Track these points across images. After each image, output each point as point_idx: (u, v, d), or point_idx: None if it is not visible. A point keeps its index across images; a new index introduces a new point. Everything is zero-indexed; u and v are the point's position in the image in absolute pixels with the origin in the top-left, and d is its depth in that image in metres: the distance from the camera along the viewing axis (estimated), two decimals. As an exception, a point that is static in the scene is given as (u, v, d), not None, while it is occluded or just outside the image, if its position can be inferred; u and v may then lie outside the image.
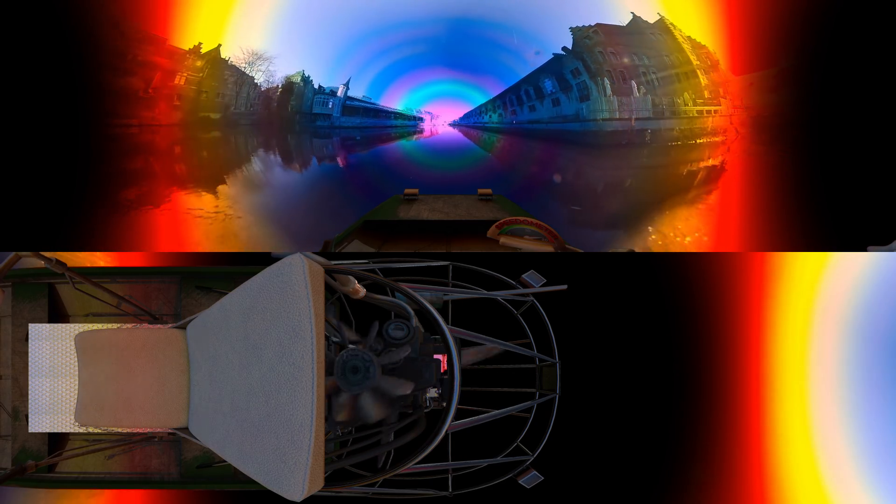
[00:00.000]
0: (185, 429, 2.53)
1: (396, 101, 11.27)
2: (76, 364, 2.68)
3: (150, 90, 8.39)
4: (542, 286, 3.32)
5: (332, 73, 10.18)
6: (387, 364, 2.34)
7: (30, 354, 3.10)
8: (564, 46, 9.13)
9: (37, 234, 5.62)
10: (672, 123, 8.78)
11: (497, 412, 2.79)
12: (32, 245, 3.73)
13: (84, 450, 3.12)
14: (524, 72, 10.07)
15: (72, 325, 3.16)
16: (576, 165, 9.38)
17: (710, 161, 8.53)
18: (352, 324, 3.11)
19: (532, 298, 3.30)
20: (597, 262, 3.89)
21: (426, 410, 2.61)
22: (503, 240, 3.71)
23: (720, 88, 8.69)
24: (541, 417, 3.29)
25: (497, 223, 3.77)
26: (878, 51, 6.22)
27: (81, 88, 7.26)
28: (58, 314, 3.22)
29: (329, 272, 2.27)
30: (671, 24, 8.66)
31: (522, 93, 10.39)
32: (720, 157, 8.52)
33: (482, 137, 11.52)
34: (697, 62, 8.68)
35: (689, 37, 8.64)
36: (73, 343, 2.68)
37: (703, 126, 8.68)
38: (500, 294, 3.16)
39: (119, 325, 2.99)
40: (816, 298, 4.16)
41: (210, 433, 2.35)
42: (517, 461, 3.26)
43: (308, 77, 9.94)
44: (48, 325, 3.13)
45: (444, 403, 2.45)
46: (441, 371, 2.54)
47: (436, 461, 2.97)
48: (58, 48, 6.79)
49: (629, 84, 8.79)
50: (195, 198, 7.89)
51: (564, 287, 3.34)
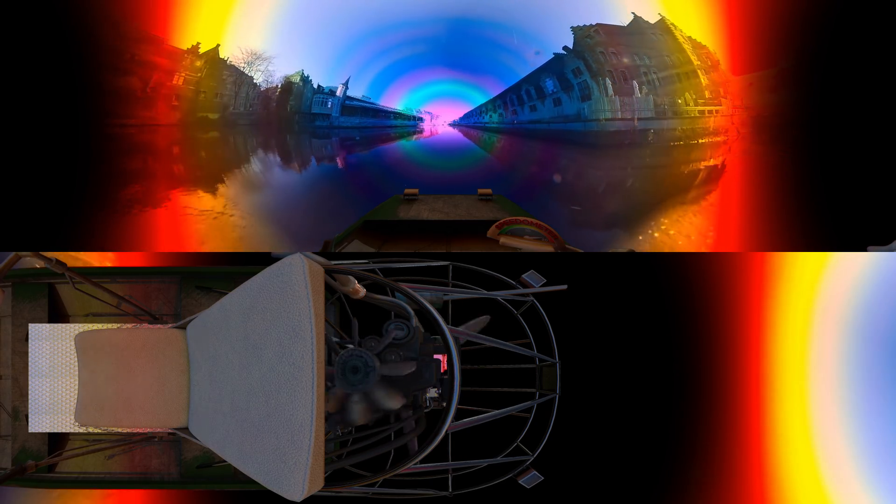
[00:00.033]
0: (185, 429, 2.53)
1: (396, 101, 11.26)
2: (76, 364, 2.68)
3: (149, 90, 8.38)
4: (542, 286, 3.32)
5: (332, 73, 10.17)
6: (382, 354, 2.34)
7: (30, 354, 3.09)
8: (565, 46, 9.11)
9: (37, 234, 5.62)
10: (674, 123, 8.77)
11: (497, 412, 2.79)
12: (32, 245, 3.73)
13: (84, 450, 3.12)
14: (524, 72, 10.05)
15: (72, 325, 3.15)
16: (576, 165, 9.37)
17: (712, 161, 8.53)
18: (355, 325, 3.11)
19: (532, 298, 3.30)
20: (597, 262, 3.89)
21: (426, 410, 2.61)
22: (503, 240, 3.71)
23: (721, 89, 8.69)
24: (541, 417, 3.29)
25: (497, 223, 3.77)
26: (878, 51, 6.22)
27: (81, 88, 7.25)
28: (58, 314, 3.22)
29: (329, 272, 2.27)
30: (672, 25, 8.66)
31: (523, 92, 10.35)
32: (721, 157, 8.52)
33: (482, 137, 11.51)
34: (698, 62, 8.68)
35: (690, 37, 8.64)
36: (73, 343, 2.68)
37: (706, 126, 8.68)
38: (500, 294, 3.16)
39: (119, 325, 2.99)
40: (816, 298, 4.16)
41: (210, 433, 2.35)
42: (517, 461, 3.26)
43: (307, 77, 9.91)
44: (48, 325, 3.13)
45: (444, 403, 2.44)
46: (441, 371, 2.53)
47: (436, 461, 2.97)
48: (58, 48, 6.79)
49: (630, 84, 8.78)
50: (195, 198, 7.89)
51: (564, 287, 3.34)
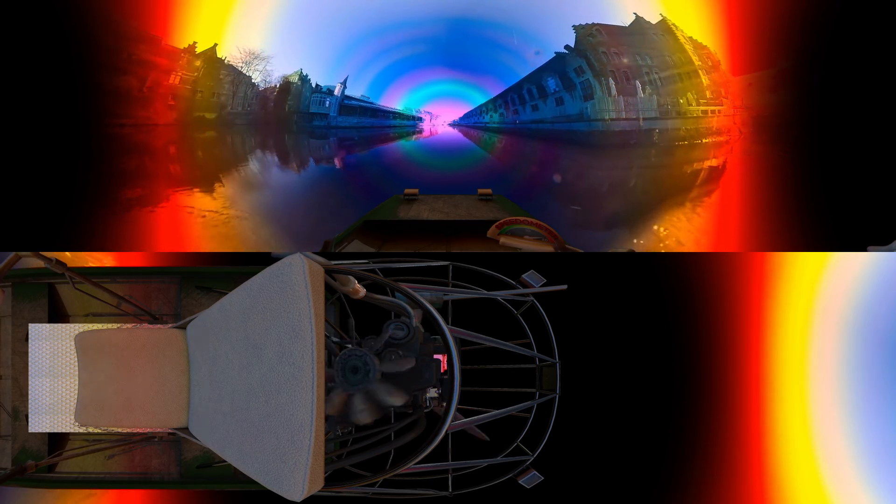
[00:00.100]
0: (185, 429, 2.53)
1: (396, 101, 11.26)
2: (76, 364, 2.68)
3: (145, 89, 8.38)
4: (542, 286, 3.32)
5: (332, 73, 10.17)
6: (382, 352, 2.34)
7: (30, 354, 3.09)
8: (567, 45, 9.10)
9: (37, 234, 5.62)
10: (676, 123, 8.77)
11: (497, 412, 2.79)
12: (32, 245, 3.73)
13: (84, 450, 3.11)
14: (524, 72, 10.05)
15: (72, 325, 3.15)
16: (577, 165, 9.37)
17: (714, 161, 8.53)
18: (351, 324, 3.11)
19: (532, 298, 3.29)
20: (597, 262, 3.89)
21: (426, 410, 2.61)
22: (503, 240, 3.71)
23: (722, 89, 8.69)
24: (541, 417, 3.29)
25: (497, 223, 3.77)
26: (878, 51, 6.22)
27: (81, 88, 7.26)
28: (58, 314, 3.22)
29: (329, 272, 2.27)
30: (673, 25, 8.66)
31: (525, 92, 10.33)
32: (723, 157, 8.52)
33: (482, 137, 11.50)
34: (699, 62, 8.68)
35: (691, 37, 8.64)
36: (73, 343, 2.68)
37: (709, 126, 8.68)
38: (500, 294, 3.15)
39: (119, 325, 2.99)
40: (816, 298, 4.16)
41: (210, 433, 2.35)
42: (517, 461, 3.26)
43: (306, 76, 9.90)
44: (48, 325, 3.13)
45: (444, 403, 2.44)
46: (441, 371, 2.53)
47: (436, 461, 2.96)
48: (57, 48, 6.79)
49: (633, 84, 8.78)
50: (194, 198, 7.89)
51: (564, 287, 3.33)
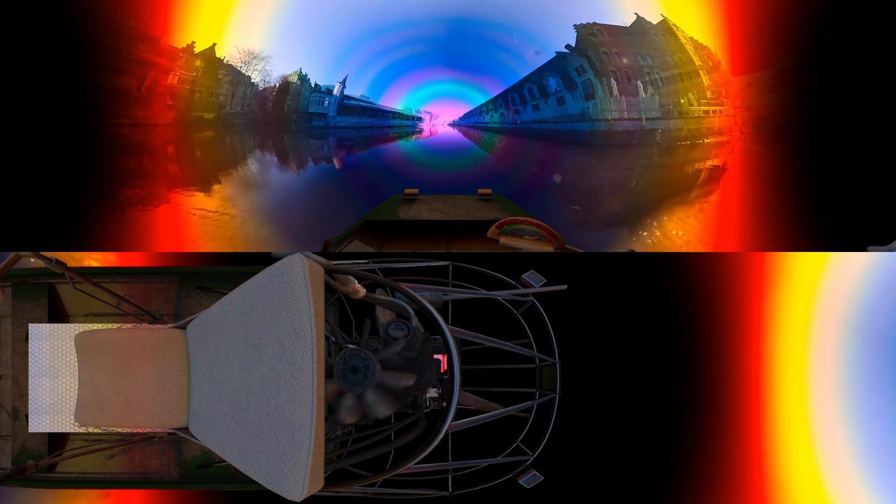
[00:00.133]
0: (185, 429, 2.53)
1: (396, 101, 11.25)
2: (76, 364, 2.68)
3: (143, 89, 8.38)
4: (542, 286, 3.32)
5: (332, 74, 10.17)
6: (385, 359, 2.34)
7: (30, 354, 3.09)
8: (568, 44, 9.09)
9: (37, 234, 5.62)
10: (677, 123, 8.76)
11: (497, 412, 2.79)
12: (32, 245, 3.73)
13: (84, 450, 3.12)
14: (524, 72, 10.04)
15: (72, 325, 3.15)
16: (578, 166, 9.36)
17: (715, 161, 8.53)
18: (352, 324, 3.11)
19: (532, 298, 3.30)
20: (597, 262, 3.89)
21: (426, 410, 2.61)
22: (503, 240, 3.71)
23: (722, 89, 8.69)
24: (541, 417, 3.29)
25: (497, 223, 3.77)
26: (878, 51, 6.22)
27: (81, 88, 7.26)
28: (58, 314, 3.22)
29: (329, 272, 2.27)
30: (674, 26, 8.66)
31: (526, 91, 10.29)
32: (724, 157, 8.52)
33: (482, 137, 11.49)
34: (700, 63, 8.68)
35: (692, 38, 8.64)
36: (73, 343, 2.68)
37: (711, 126, 8.68)
38: (500, 294, 3.15)
39: (119, 325, 2.99)
40: (816, 298, 4.16)
41: (210, 433, 2.35)
42: (517, 461, 3.26)
43: (305, 76, 9.88)
44: (48, 325, 3.13)
45: (444, 403, 2.44)
46: (441, 371, 2.53)
47: (436, 461, 2.96)
48: (57, 48, 6.79)
49: (634, 84, 8.77)
50: (194, 198, 7.88)
51: (564, 287, 3.33)
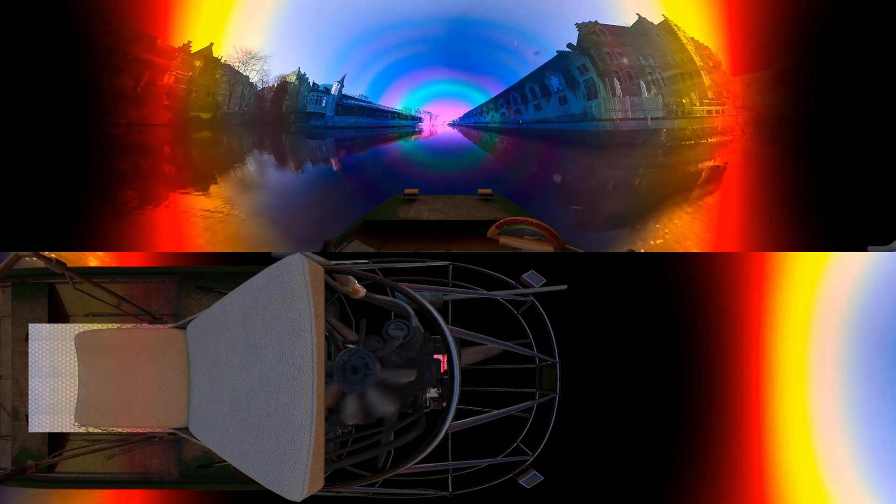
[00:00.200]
0: (185, 429, 2.53)
1: (396, 101, 11.24)
2: (76, 364, 2.68)
3: (139, 89, 8.37)
4: (542, 286, 3.32)
5: (332, 74, 10.15)
6: (385, 358, 2.35)
7: (30, 354, 3.09)
8: (570, 43, 9.06)
9: (37, 234, 5.62)
10: (680, 123, 8.75)
11: (497, 412, 2.79)
12: (32, 245, 3.73)
13: (84, 450, 3.12)
14: (524, 72, 10.02)
15: (72, 325, 3.15)
16: (579, 166, 9.35)
17: (717, 160, 8.53)
18: (352, 324, 3.11)
19: (532, 298, 3.30)
20: (597, 262, 3.89)
21: (426, 410, 2.61)
22: (503, 240, 3.70)
23: (723, 89, 8.69)
24: (541, 417, 3.29)
25: (497, 223, 3.76)
26: (878, 51, 6.22)
27: (81, 88, 7.25)
28: (58, 314, 3.22)
29: (329, 272, 2.27)
30: (675, 26, 8.66)
31: (527, 90, 10.24)
32: (726, 157, 8.52)
33: (482, 137, 11.48)
34: (701, 63, 8.68)
35: (692, 38, 8.64)
36: (73, 343, 2.68)
37: (714, 126, 8.67)
38: (500, 294, 3.16)
39: (119, 325, 2.99)
40: (816, 298, 4.16)
41: (210, 433, 2.35)
42: (517, 461, 3.26)
43: (304, 75, 9.86)
44: (48, 325, 3.13)
45: (444, 403, 2.44)
46: (441, 371, 2.54)
47: (436, 461, 2.96)
48: (57, 48, 6.79)
49: (637, 83, 8.76)
50: (193, 198, 7.88)
51: (564, 287, 3.34)
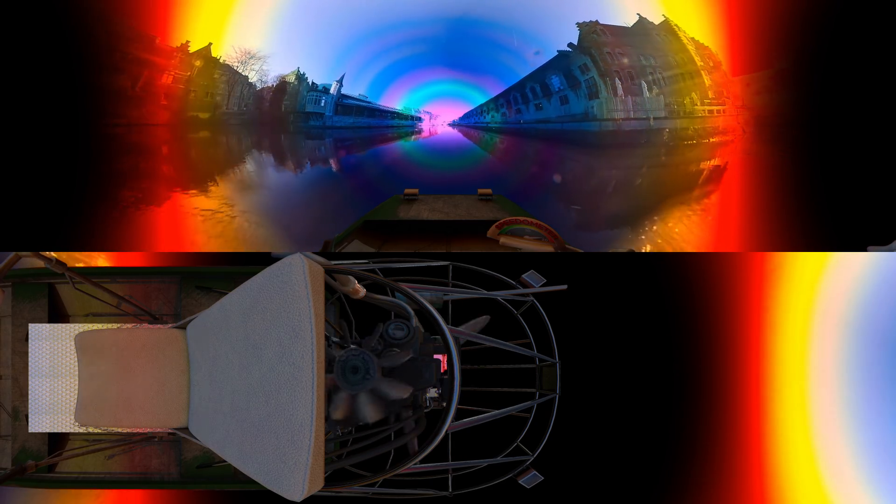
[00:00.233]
0: (185, 429, 2.53)
1: (396, 101, 11.21)
2: (76, 364, 2.68)
3: (138, 88, 8.36)
4: (542, 286, 3.32)
5: (332, 74, 10.11)
6: (387, 366, 2.34)
7: (30, 354, 3.09)
8: (571, 43, 9.03)
9: (37, 234, 5.62)
10: (683, 123, 8.74)
11: (497, 412, 2.79)
12: (32, 245, 3.74)
13: (84, 450, 3.12)
14: (524, 72, 9.99)
15: (72, 325, 3.15)
16: (580, 166, 9.35)
17: (718, 160, 8.53)
18: (352, 324, 3.11)
19: (532, 298, 3.30)
20: (597, 262, 3.89)
21: (426, 410, 2.61)
22: (503, 240, 3.71)
23: (724, 89, 8.69)
24: (541, 417, 3.29)
25: (497, 223, 3.77)
26: (878, 51, 6.22)
27: (81, 88, 7.25)
28: (58, 314, 3.22)
29: (329, 272, 2.27)
30: (675, 26, 8.65)
31: (528, 90, 10.20)
32: (728, 157, 8.52)
33: (482, 137, 11.47)
34: (701, 63, 8.67)
35: (693, 38, 8.63)
36: (73, 343, 2.68)
37: (716, 126, 8.66)
38: (500, 294, 3.16)
39: (119, 325, 2.99)
40: (816, 298, 4.16)
41: (210, 433, 2.35)
42: (517, 461, 3.26)
43: (303, 75, 9.83)
44: (48, 325, 3.13)
45: (444, 403, 2.45)
46: (441, 371, 2.53)
47: (436, 461, 2.96)
48: (57, 48, 6.79)
49: (638, 83, 8.75)
50: (193, 198, 7.88)
51: (564, 287, 3.34)
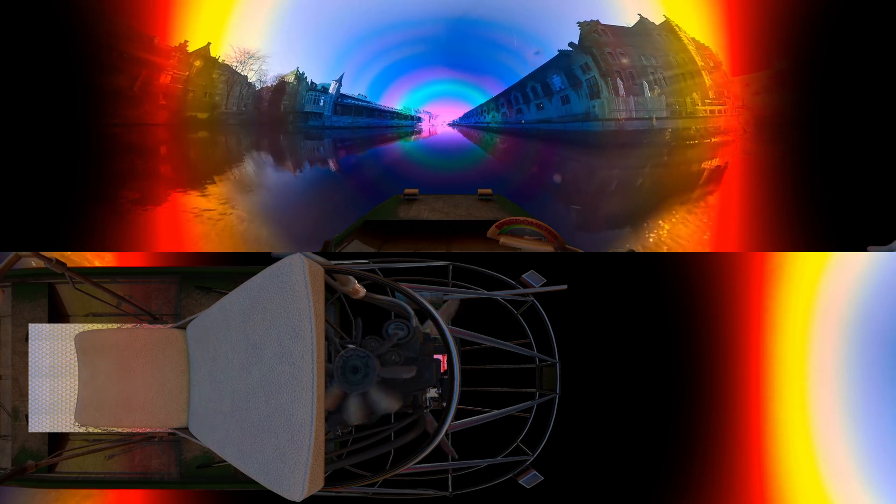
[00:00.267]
0: (185, 429, 2.53)
1: (396, 101, 11.22)
2: (76, 364, 2.68)
3: (136, 88, 8.36)
4: (542, 286, 3.32)
5: (331, 74, 10.12)
6: (384, 356, 2.34)
7: (30, 354, 3.09)
8: (571, 42, 9.02)
9: (37, 234, 5.62)
10: (685, 123, 8.73)
11: (497, 412, 2.79)
12: (32, 245, 3.74)
13: (84, 450, 3.12)
14: (524, 72, 9.99)
15: (72, 325, 3.15)
16: (581, 166, 9.34)
17: (718, 160, 8.53)
18: (352, 324, 3.11)
19: (532, 298, 3.30)
20: (597, 262, 3.89)
21: (426, 410, 2.61)
22: (503, 240, 3.71)
23: (724, 89, 8.69)
24: (541, 417, 3.29)
25: (497, 223, 3.77)
26: (878, 51, 6.23)
27: (81, 88, 7.26)
28: (58, 314, 3.22)
29: (329, 272, 2.27)
30: (676, 26, 8.65)
31: (529, 90, 10.17)
32: (728, 157, 8.52)
33: (482, 137, 11.46)
34: (702, 63, 8.67)
35: (693, 38, 8.63)
36: (73, 343, 2.68)
37: (717, 126, 8.67)
38: (500, 294, 3.15)
39: (119, 325, 2.99)
40: (816, 298, 4.16)
41: (210, 433, 2.35)
42: (517, 461, 3.26)
43: (302, 74, 9.82)
44: (48, 325, 3.13)
45: (444, 403, 2.44)
46: (441, 371, 2.53)
47: (436, 461, 2.97)
48: (57, 48, 6.79)
49: (639, 83, 8.75)
50: (193, 198, 7.88)
51: (564, 287, 3.34)
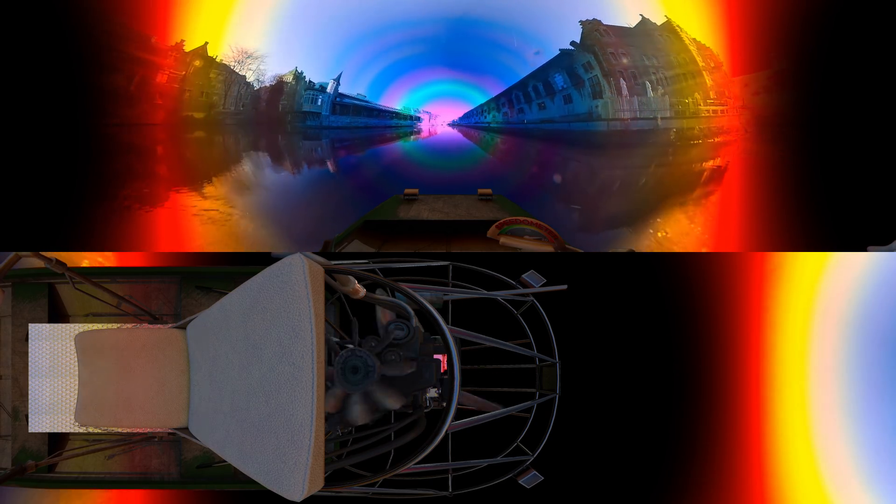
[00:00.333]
0: (185, 429, 2.53)
1: (396, 101, 11.21)
2: (76, 364, 2.68)
3: (133, 88, 8.36)
4: (542, 286, 3.32)
5: (331, 74, 10.12)
6: (383, 354, 2.35)
7: (30, 354, 3.09)
8: (573, 41, 9.01)
9: (37, 234, 5.62)
10: (689, 123, 8.73)
11: (497, 412, 2.79)
12: (32, 245, 3.73)
13: (84, 450, 3.12)
14: (524, 72, 9.97)
15: (72, 325, 3.15)
16: (583, 166, 9.34)
17: (718, 160, 8.53)
18: (355, 324, 3.11)
19: (532, 298, 3.30)
20: (597, 262, 3.89)
21: (426, 410, 2.61)
22: (503, 240, 3.70)
23: (725, 90, 8.69)
24: (541, 417, 3.29)
25: (497, 223, 3.77)
26: (878, 51, 6.23)
27: (81, 88, 7.26)
28: (58, 314, 3.22)
29: (329, 272, 2.27)
30: (677, 26, 8.65)
31: (530, 89, 10.14)
32: (729, 156, 8.53)
33: (482, 137, 11.45)
34: (703, 63, 8.68)
35: (694, 38, 8.64)
36: (73, 343, 2.68)
37: (720, 125, 8.67)
38: (500, 294, 3.15)
39: (119, 325, 2.99)
40: (816, 298, 4.16)
41: (210, 433, 2.35)
42: (517, 461, 3.26)
43: (301, 74, 9.80)
44: (48, 325, 3.13)
45: (444, 403, 2.44)
46: (441, 371, 2.53)
47: (436, 461, 2.97)
48: (57, 48, 6.79)
49: (642, 83, 8.75)
50: (193, 198, 7.89)
51: (564, 287, 3.34)
